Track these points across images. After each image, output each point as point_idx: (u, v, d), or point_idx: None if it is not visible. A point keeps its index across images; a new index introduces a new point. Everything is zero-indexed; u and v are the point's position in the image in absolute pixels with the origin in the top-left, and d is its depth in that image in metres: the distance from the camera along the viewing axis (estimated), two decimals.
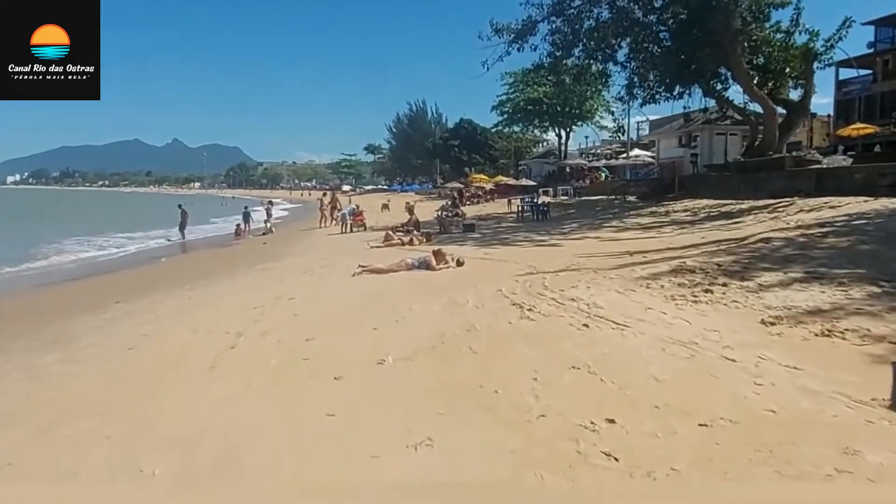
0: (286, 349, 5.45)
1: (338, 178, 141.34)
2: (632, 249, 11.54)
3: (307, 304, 7.77)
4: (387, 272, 10.38)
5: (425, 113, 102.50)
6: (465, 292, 7.46)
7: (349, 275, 10.55)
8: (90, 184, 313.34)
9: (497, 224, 23.87)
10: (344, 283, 9.60)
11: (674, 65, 25.38)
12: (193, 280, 11.91)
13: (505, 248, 14.40)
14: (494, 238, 17.94)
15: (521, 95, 57.30)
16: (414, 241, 16.48)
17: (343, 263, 12.90)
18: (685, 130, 32.01)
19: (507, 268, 10.01)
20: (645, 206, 24.89)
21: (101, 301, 9.98)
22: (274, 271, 12.42)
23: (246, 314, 7.28)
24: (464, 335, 5.38)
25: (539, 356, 4.57)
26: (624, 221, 20.58)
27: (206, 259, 17.81)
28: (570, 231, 18.82)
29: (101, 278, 14.53)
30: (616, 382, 3.88)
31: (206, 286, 10.94)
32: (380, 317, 6.45)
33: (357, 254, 15.31)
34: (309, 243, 20.27)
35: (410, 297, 7.57)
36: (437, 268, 10.37)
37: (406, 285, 8.69)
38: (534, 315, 5.79)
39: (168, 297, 9.85)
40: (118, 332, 7.17)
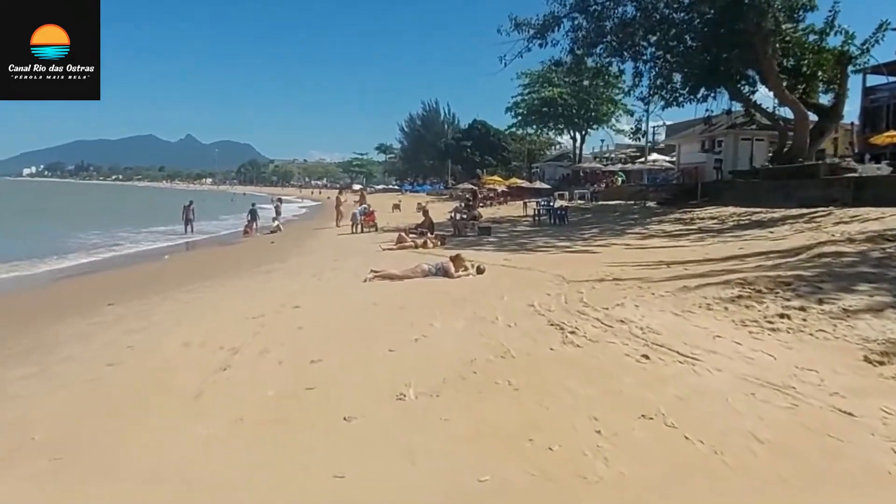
0: (287, 374, 4.62)
1: (348, 177, 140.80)
2: (666, 259, 10.65)
3: (314, 314, 6.93)
4: (401, 278, 9.54)
5: (438, 113, 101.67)
6: (491, 306, 6.60)
7: (360, 280, 9.73)
8: (104, 177, 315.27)
9: (513, 227, 23.00)
10: (354, 290, 8.76)
11: (700, 66, 24.38)
12: (194, 281, 11.13)
13: (526, 255, 13.52)
14: (513, 242, 17.07)
15: (536, 96, 56.31)
16: (428, 244, 15.63)
17: (353, 266, 12.09)
18: (708, 135, 30.93)
19: (533, 277, 9.14)
20: (666, 213, 23.94)
21: (95, 302, 9.20)
22: (280, 273, 11.62)
23: (245, 325, 6.46)
24: (498, 363, 4.52)
25: (596, 396, 3.71)
26: (647, 228, 19.65)
27: (210, 257, 17.04)
28: (592, 237, 17.91)
29: (101, 276, 13.79)
30: (706, 442, 3.01)
31: (206, 288, 10.14)
32: (396, 334, 5.61)
33: (368, 255, 14.51)
34: (318, 243, 19.48)
35: (429, 309, 6.72)
36: (455, 275, 9.52)
37: (423, 295, 7.84)
38: (578, 339, 4.92)
39: (165, 299, 9.06)
40: (102, 341, 6.36)
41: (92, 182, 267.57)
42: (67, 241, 21.06)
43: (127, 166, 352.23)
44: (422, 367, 4.54)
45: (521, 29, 23.85)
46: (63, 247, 18.86)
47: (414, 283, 9.14)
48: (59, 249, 18.06)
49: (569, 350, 4.69)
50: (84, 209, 47.78)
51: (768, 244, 11.72)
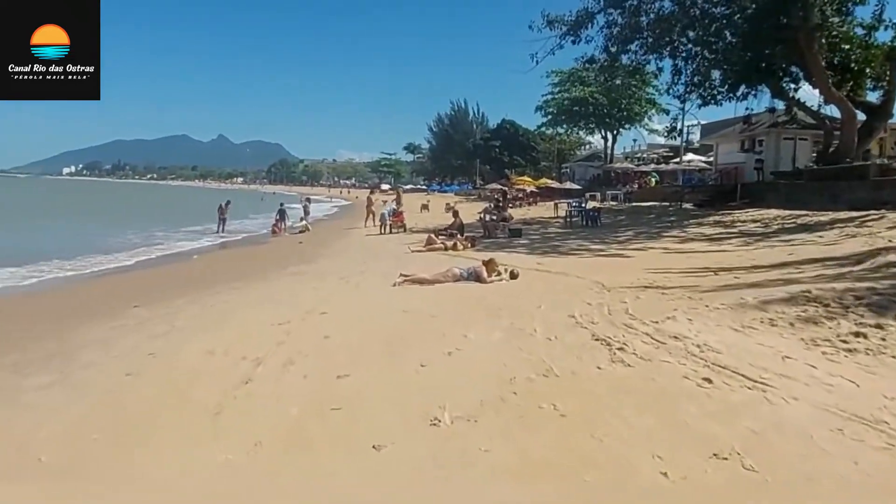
0: (312, 390, 4.28)
1: (377, 177, 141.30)
2: (711, 266, 10.09)
3: (341, 321, 6.60)
4: (431, 283, 9.18)
5: (466, 113, 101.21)
6: (529, 316, 6.19)
7: (389, 283, 9.40)
8: (139, 176, 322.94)
9: (543, 229, 22.47)
10: (383, 295, 8.42)
11: (740, 62, 23.50)
12: (221, 282, 10.94)
13: (560, 258, 13.05)
14: (545, 245, 16.59)
15: (567, 95, 55.52)
16: (458, 246, 15.26)
17: (382, 269, 11.78)
18: (748, 134, 29.89)
19: (570, 283, 8.70)
20: (705, 215, 23.16)
21: (121, 304, 9.04)
22: (307, 276, 11.36)
23: (270, 332, 6.16)
24: (540, 382, 4.12)
25: (656, 428, 3.28)
26: (685, 231, 18.96)
27: (239, 258, 16.92)
28: (627, 240, 17.32)
29: (132, 275, 13.72)
30: (795, 491, 2.56)
31: (232, 290, 9.92)
32: (428, 346, 5.24)
33: (397, 258, 14.20)
34: (346, 244, 19.25)
35: (462, 318, 6.34)
36: (488, 280, 9.11)
37: (455, 302, 7.45)
38: (628, 357, 4.48)
39: (191, 302, 8.85)
40: (123, 347, 6.13)
41: (128, 181, 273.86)
42: (108, 239, 21.16)
43: (161, 166, 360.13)
44: (457, 385, 4.16)
45: (554, 26, 23.33)
46: (105, 246, 18.92)
47: (445, 289, 8.76)
48: (101, 248, 18.11)
49: (618, 369, 4.26)
50: (122, 208, 48.57)
51: (820, 250, 11.06)
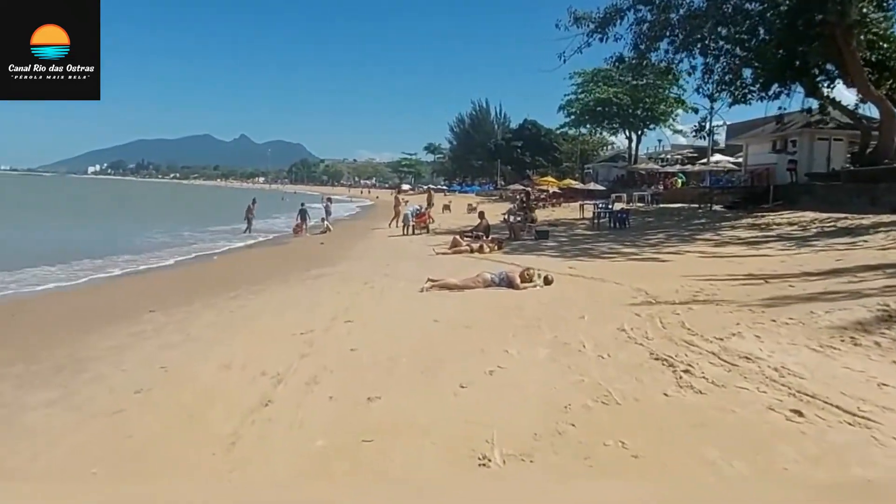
0: (339, 416, 3.81)
1: (397, 177, 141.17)
2: (756, 272, 9.48)
3: (368, 331, 6.13)
4: (461, 289, 8.68)
5: (488, 113, 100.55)
6: (573, 328, 5.67)
7: (415, 288, 8.93)
8: (162, 176, 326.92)
9: (570, 231, 21.87)
10: (411, 302, 7.94)
11: (774, 61, 22.67)
12: (240, 285, 10.55)
13: (592, 262, 12.49)
14: (574, 248, 16.01)
15: (590, 96, 54.67)
16: (484, 248, 14.75)
17: (407, 273, 11.32)
18: (780, 134, 28.92)
19: (610, 290, 8.15)
20: (737, 217, 22.38)
21: (137, 308, 8.68)
22: (330, 279, 10.93)
23: (292, 343, 5.72)
24: (599, 411, 3.60)
25: (751, 477, 2.75)
26: (719, 234, 18.25)
27: (259, 259, 16.58)
28: (659, 243, 16.68)
29: (151, 276, 13.40)
30: None
31: (253, 294, 9.51)
32: (465, 363, 4.75)
33: (422, 260, 13.74)
34: (368, 245, 18.84)
35: (500, 330, 5.83)
36: (521, 286, 8.59)
37: (490, 311, 6.95)
38: (697, 382, 3.94)
39: (208, 307, 8.45)
40: (135, 358, 5.72)
41: (151, 180, 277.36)
42: (136, 239, 20.96)
43: (184, 165, 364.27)
44: (503, 413, 3.65)
45: (581, 23, 22.71)
46: (134, 245, 18.69)
47: (476, 295, 8.27)
48: (131, 248, 17.88)
49: (688, 397, 3.72)
50: (150, 207, 48.83)
51: (873, 256, 10.36)
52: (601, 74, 53.92)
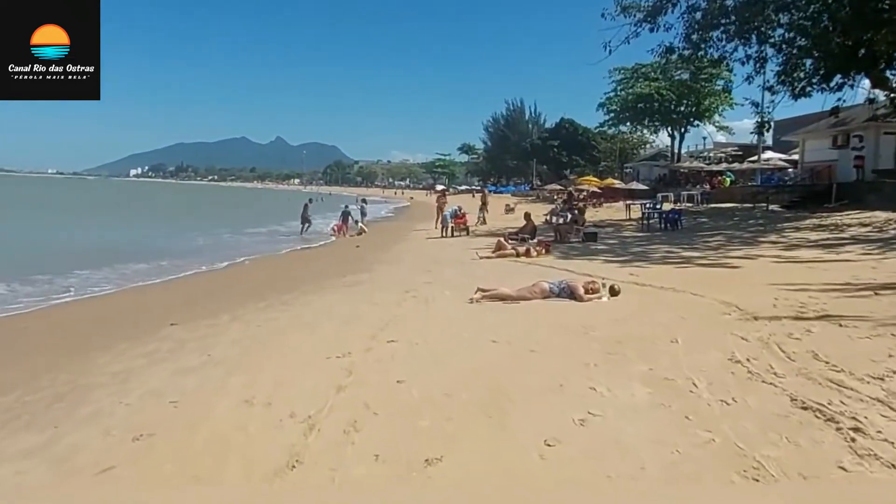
0: (388, 488, 2.84)
1: (431, 178, 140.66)
2: (850, 280, 8.24)
3: (415, 355, 5.17)
4: (515, 300, 7.66)
5: (523, 113, 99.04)
6: (667, 356, 4.60)
7: (463, 298, 7.95)
8: (201, 178, 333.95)
9: (618, 232, 20.59)
10: (461, 316, 6.95)
11: (838, 49, 20.95)
12: (271, 293, 9.72)
13: (653, 268, 11.32)
14: (627, 251, 14.82)
15: (631, 92, 52.92)
16: (531, 252, 13.68)
17: (451, 279, 10.35)
18: (842, 129, 27.06)
19: (690, 303, 7.04)
20: (799, 218, 20.85)
21: (159, 320, 7.91)
22: (367, 286, 10.03)
23: (326, 371, 4.79)
24: (756, 495, 2.55)
25: None
26: (784, 236, 16.83)
27: (292, 263, 15.81)
28: (720, 246, 15.36)
29: (180, 282, 12.72)
30: None
31: (284, 305, 8.65)
32: (542, 401, 3.75)
33: (464, 265, 12.76)
34: (406, 248, 17.93)
35: (575, 356, 4.80)
36: (585, 298, 7.53)
37: (556, 330, 5.91)
38: (880, 447, 2.85)
39: (234, 319, 7.60)
40: (144, 387, 4.86)
41: (190, 182, 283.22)
42: (174, 242, 20.56)
43: (221, 167, 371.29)
44: (614, 492, 2.64)
45: (629, 12, 21.40)
46: (170, 250, 18.18)
47: (533, 308, 7.24)
48: (166, 252, 17.36)
49: (878, 473, 2.64)
50: (197, 208, 49.07)
51: None
52: (642, 70, 52.28)
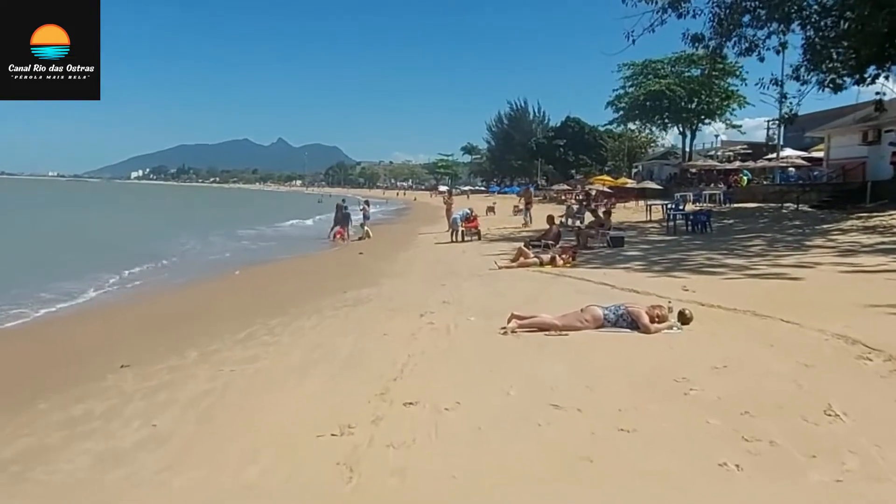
0: None
1: (434, 178, 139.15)
2: None
3: (447, 437, 3.51)
4: (561, 330, 6.04)
5: (527, 112, 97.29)
6: (840, 444, 2.99)
7: (492, 326, 6.35)
8: (202, 180, 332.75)
9: (642, 236, 18.89)
10: (498, 357, 5.30)
11: (874, 36, 19.22)
12: (257, 315, 8.11)
13: (702, 279, 9.69)
14: (662, 258, 13.19)
15: (640, 89, 51.34)
16: (556, 261, 12.04)
17: (472, 296, 8.75)
18: (873, 124, 25.42)
19: (785, 334, 5.45)
20: (834, 218, 19.23)
21: (111, 355, 6.32)
22: (373, 307, 8.38)
23: (319, 460, 3.19)
24: None
25: None
26: (832, 239, 15.21)
27: (288, 273, 14.15)
28: (764, 252, 13.72)
29: (152, 300, 11.07)
30: None
31: (270, 334, 7.01)
32: None
33: (483, 277, 11.15)
34: (414, 255, 16.30)
35: (698, 448, 3.16)
36: (652, 328, 5.90)
37: (639, 386, 4.26)
38: None
39: (204, 359, 5.96)
40: (37, 493, 3.26)
41: (192, 184, 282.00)
42: (172, 248, 19.02)
43: (223, 169, 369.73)
44: None
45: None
46: (155, 254, 16.67)
47: (589, 344, 5.61)
48: (149, 258, 15.83)
49: None
50: (209, 210, 47.44)
51: None
52: (652, 66, 50.72)
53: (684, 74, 49.30)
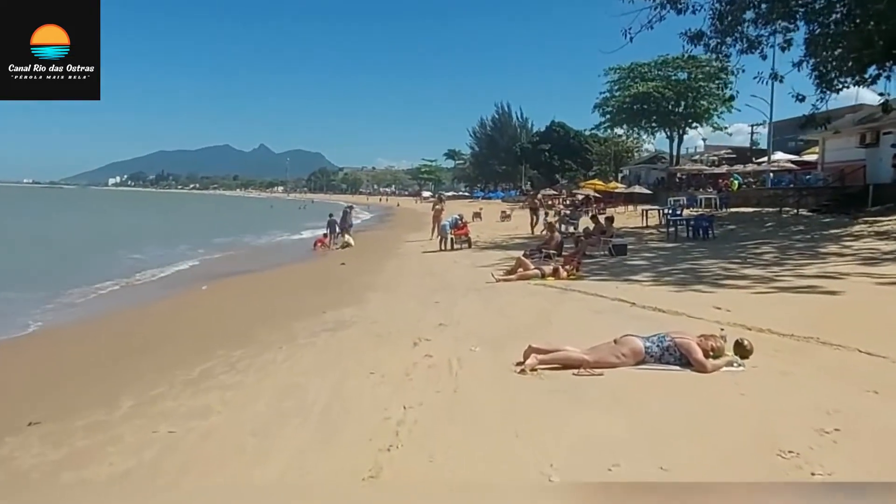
0: None
1: (417, 184, 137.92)
2: None
3: None
4: (592, 367, 4.85)
5: (510, 117, 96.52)
6: None
7: (502, 360, 5.17)
8: (182, 186, 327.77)
9: (641, 243, 17.80)
10: (520, 413, 4.08)
11: (883, 35, 18.40)
12: (219, 345, 6.81)
13: (730, 295, 8.58)
14: (672, 268, 12.11)
15: (627, 93, 50.64)
16: (560, 273, 10.89)
17: (471, 317, 7.55)
18: (872, 126, 24.74)
19: (875, 374, 4.32)
20: (840, 223, 18.39)
21: (24, 404, 5.03)
22: (355, 334, 7.10)
23: None
24: None
25: None
26: (847, 246, 14.28)
27: (260, 287, 12.79)
28: (779, 260, 12.71)
29: (109, 321, 9.76)
30: None
31: (227, 372, 5.69)
32: None
33: (480, 291, 9.94)
34: (401, 265, 15.02)
35: None
36: (708, 366, 4.73)
37: (718, 453, 3.10)
38: None
39: (138, 412, 4.66)
40: None
41: (171, 191, 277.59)
42: (141, 258, 17.53)
43: (204, 175, 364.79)
44: None
45: None
46: (132, 267, 15.23)
47: (632, 385, 4.42)
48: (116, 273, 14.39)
49: None
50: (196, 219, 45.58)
51: None
52: (639, 69, 50.04)
53: (671, 78, 48.72)
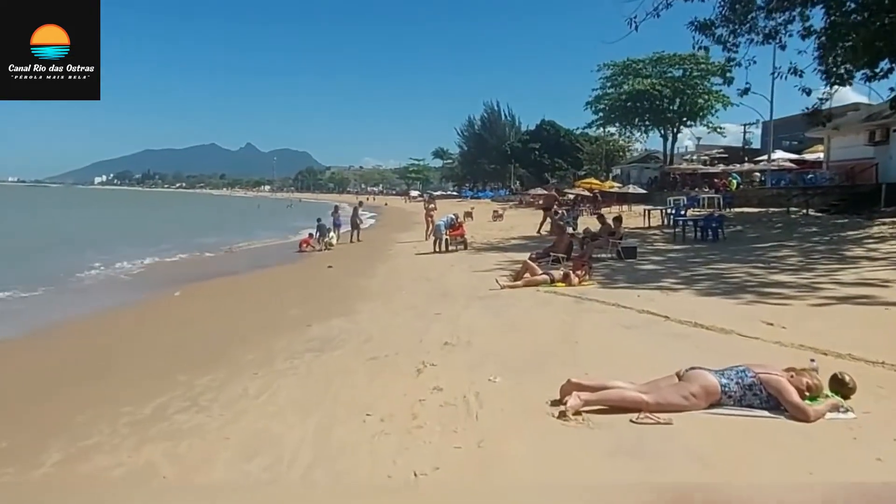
0: None
1: (405, 184, 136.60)
2: None
3: None
4: (653, 411, 3.74)
5: (499, 116, 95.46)
6: None
7: (531, 397, 4.09)
8: (168, 185, 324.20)
9: (648, 244, 16.74)
10: (568, 478, 3.01)
11: (887, 30, 17.49)
12: (183, 368, 5.66)
13: (778, 309, 7.53)
14: (694, 274, 11.04)
15: (621, 90, 49.77)
16: (572, 279, 9.79)
17: (480, 332, 6.46)
18: (881, 123, 23.92)
19: None
20: (856, 224, 17.51)
21: None
22: (345, 356, 5.94)
23: None
24: None
25: None
26: (874, 249, 13.41)
27: (239, 293, 11.57)
28: (805, 264, 11.73)
29: (49, 338, 8.54)
30: None
31: (189, 409, 4.57)
32: None
33: (486, 301, 8.80)
34: (393, 269, 13.83)
35: None
36: (811, 413, 3.64)
37: None
38: None
39: (67, 468, 3.54)
40: None
41: (157, 190, 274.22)
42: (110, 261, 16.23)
43: (190, 174, 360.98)
44: None
45: None
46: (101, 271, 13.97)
47: (717, 442, 3.35)
48: None
49: None
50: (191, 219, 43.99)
51: None
52: (633, 66, 49.16)
53: (666, 74, 47.91)
